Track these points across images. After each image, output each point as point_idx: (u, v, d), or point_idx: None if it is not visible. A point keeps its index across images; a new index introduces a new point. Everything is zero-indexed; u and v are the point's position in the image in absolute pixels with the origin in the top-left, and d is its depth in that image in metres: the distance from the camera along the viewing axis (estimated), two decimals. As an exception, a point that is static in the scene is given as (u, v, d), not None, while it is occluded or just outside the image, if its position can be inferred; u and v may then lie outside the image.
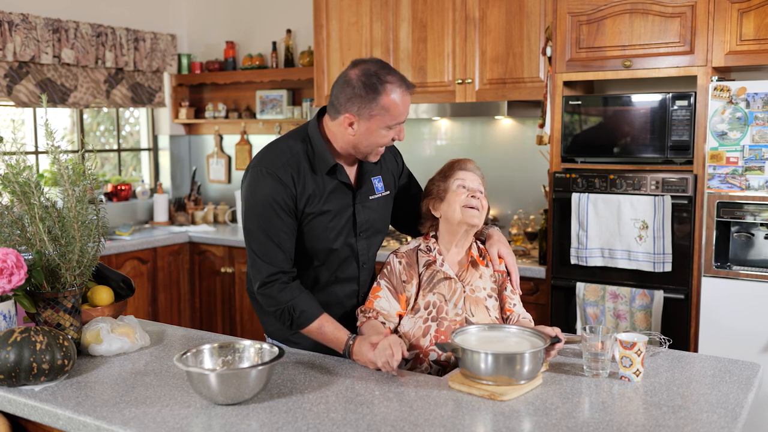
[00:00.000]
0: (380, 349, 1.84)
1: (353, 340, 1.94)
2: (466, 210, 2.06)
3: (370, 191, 2.15)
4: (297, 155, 2.03)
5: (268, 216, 1.98)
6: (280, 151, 2.04)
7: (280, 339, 2.17)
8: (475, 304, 2.07)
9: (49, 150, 1.92)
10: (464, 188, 2.09)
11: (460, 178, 2.11)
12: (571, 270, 3.29)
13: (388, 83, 1.94)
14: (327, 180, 2.04)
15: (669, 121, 3.04)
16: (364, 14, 4.08)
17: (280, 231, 1.99)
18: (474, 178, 2.12)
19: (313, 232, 2.04)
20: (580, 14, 3.23)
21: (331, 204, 2.05)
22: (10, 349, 1.71)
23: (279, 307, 1.98)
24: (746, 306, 2.89)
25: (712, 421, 1.56)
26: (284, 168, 2.00)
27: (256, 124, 5.11)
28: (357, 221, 2.11)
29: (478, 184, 2.12)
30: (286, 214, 1.99)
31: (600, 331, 1.82)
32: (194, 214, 5.12)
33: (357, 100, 1.94)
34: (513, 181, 4.10)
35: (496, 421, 1.56)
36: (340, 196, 2.08)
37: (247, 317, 4.51)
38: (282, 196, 1.98)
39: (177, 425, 1.53)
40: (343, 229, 2.08)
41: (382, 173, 2.20)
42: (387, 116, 1.95)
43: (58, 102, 4.53)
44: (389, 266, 2.13)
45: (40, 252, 1.91)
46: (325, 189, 2.04)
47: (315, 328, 1.98)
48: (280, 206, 1.98)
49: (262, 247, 1.99)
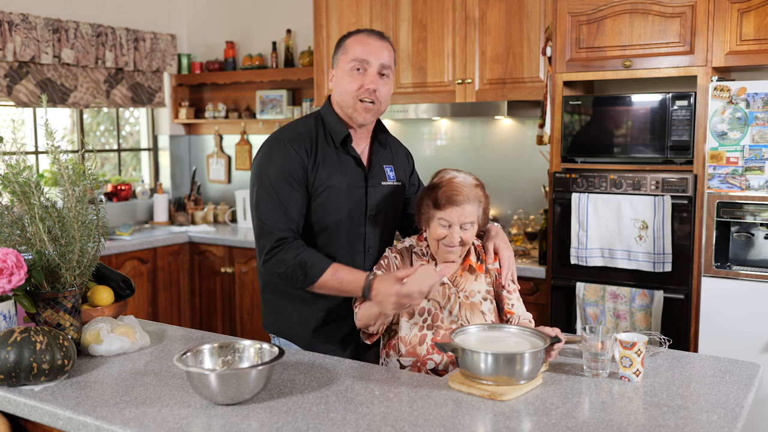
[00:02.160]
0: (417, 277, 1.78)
1: (374, 275, 1.91)
2: (444, 248, 2.05)
3: (382, 176, 2.18)
4: (310, 130, 2.09)
5: (279, 185, 2.00)
6: (294, 127, 2.11)
7: (291, 339, 2.16)
8: (471, 310, 2.07)
9: (49, 150, 1.92)
10: (445, 227, 2.02)
11: (444, 218, 2.01)
12: (571, 270, 3.28)
13: (356, 31, 2.10)
14: (341, 154, 2.09)
15: (669, 121, 3.04)
16: (364, 14, 4.08)
17: (289, 199, 2.00)
18: (464, 210, 2.01)
19: (325, 205, 2.06)
20: (580, 14, 3.23)
21: (343, 178, 2.08)
22: (10, 349, 1.71)
23: (288, 266, 1.96)
24: (746, 306, 2.89)
25: (712, 421, 1.56)
26: (298, 139, 2.05)
27: (256, 124, 5.11)
28: (368, 204, 2.12)
29: (471, 215, 2.02)
30: (297, 185, 2.02)
31: (600, 331, 1.82)
32: (194, 214, 5.12)
33: (334, 53, 2.12)
34: (513, 181, 4.10)
35: (496, 421, 1.56)
36: (353, 173, 2.11)
37: (247, 317, 4.51)
38: (294, 167, 2.01)
39: (177, 425, 1.53)
40: (354, 209, 2.10)
41: (393, 164, 2.23)
42: (347, 54, 2.05)
43: (58, 102, 4.53)
44: (386, 259, 2.13)
45: (40, 252, 1.91)
46: (339, 162, 2.08)
47: (330, 276, 1.95)
48: (292, 176, 2.01)
49: (271, 215, 1.99)
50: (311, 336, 2.13)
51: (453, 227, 2.01)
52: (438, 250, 2.06)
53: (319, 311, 2.11)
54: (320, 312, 2.11)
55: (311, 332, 2.13)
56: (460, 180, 2.04)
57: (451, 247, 2.04)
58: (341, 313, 2.13)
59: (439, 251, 2.07)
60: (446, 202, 2.00)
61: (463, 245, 2.05)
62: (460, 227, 2.01)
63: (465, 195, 2.01)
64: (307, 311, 2.12)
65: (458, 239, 2.02)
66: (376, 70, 2.04)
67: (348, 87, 2.04)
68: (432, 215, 2.04)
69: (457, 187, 2.01)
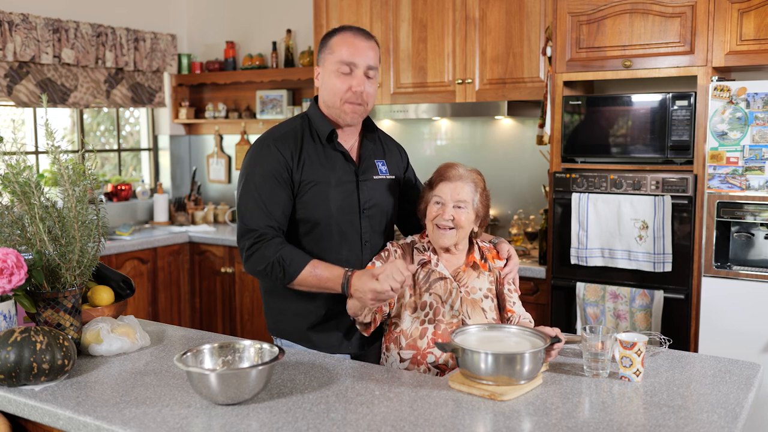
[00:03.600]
0: (387, 274, 1.80)
1: (351, 272, 1.92)
2: (437, 230, 2.06)
3: (373, 171, 2.18)
4: (296, 130, 2.11)
5: (261, 185, 2.02)
6: (282, 125, 2.14)
7: (293, 339, 2.16)
8: (472, 306, 2.07)
9: (49, 150, 1.92)
10: (438, 204, 2.06)
11: (437, 195, 2.06)
12: (571, 270, 3.28)
13: (341, 29, 2.09)
14: (328, 150, 2.10)
15: (669, 121, 3.04)
16: (364, 14, 4.08)
17: (271, 198, 2.02)
18: (457, 188, 2.05)
19: (314, 200, 2.06)
20: (580, 14, 3.23)
21: (332, 174, 2.08)
22: (10, 349, 1.71)
23: (268, 263, 1.97)
24: (746, 306, 2.89)
25: (712, 421, 1.56)
26: (282, 138, 2.07)
27: (256, 124, 5.11)
28: (360, 198, 2.13)
29: (465, 193, 2.05)
30: (280, 184, 2.03)
31: (600, 331, 1.82)
32: (194, 214, 5.12)
33: (319, 50, 2.11)
34: (513, 181, 4.10)
35: (496, 421, 1.56)
36: (342, 168, 2.11)
37: (247, 317, 4.51)
38: (277, 166, 2.02)
39: (177, 425, 1.53)
40: (346, 202, 2.10)
41: (385, 159, 2.24)
42: (334, 55, 2.05)
43: (58, 102, 4.53)
44: (386, 252, 2.14)
45: (40, 252, 1.91)
46: (326, 157, 2.09)
47: (308, 273, 1.96)
48: (274, 176, 2.02)
49: (252, 213, 2.01)
50: (313, 332, 2.13)
51: (446, 205, 2.04)
52: (433, 234, 2.07)
53: (319, 308, 2.12)
54: (320, 309, 2.12)
55: (312, 328, 2.13)
56: (456, 163, 2.13)
57: (443, 229, 2.04)
58: (342, 310, 2.13)
59: (434, 235, 2.07)
60: (439, 178, 2.09)
61: (457, 228, 2.05)
62: (454, 206, 2.04)
63: (459, 173, 2.08)
64: (307, 308, 2.12)
65: (450, 216, 2.03)
66: (362, 71, 2.05)
67: (335, 88, 2.06)
68: (429, 198, 2.09)
69: (450, 165, 2.11)
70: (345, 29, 2.09)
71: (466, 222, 2.07)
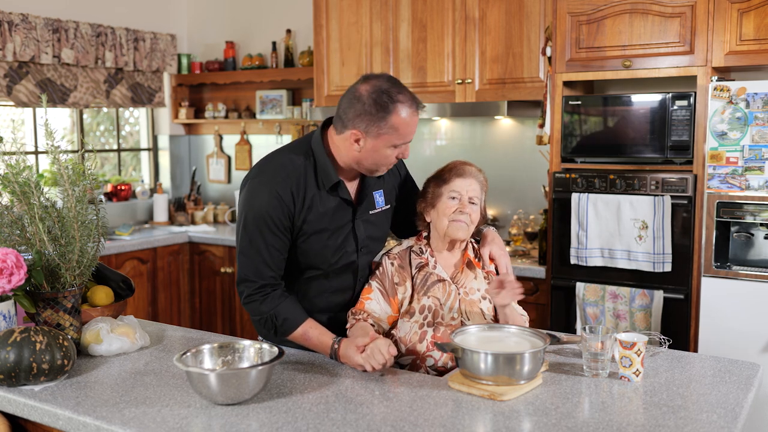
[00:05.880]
0: (368, 354, 1.83)
1: (339, 344, 1.93)
2: (453, 224, 2.05)
3: (370, 206, 2.11)
4: (298, 169, 1.98)
5: (261, 231, 1.94)
6: (281, 165, 1.98)
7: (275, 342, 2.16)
8: (470, 307, 2.07)
9: (49, 150, 1.92)
10: (455, 200, 2.06)
11: (454, 190, 2.07)
12: (571, 270, 3.28)
13: (398, 102, 1.90)
14: (328, 197, 2.01)
15: (669, 121, 3.04)
16: (364, 14, 4.08)
17: (271, 247, 1.95)
18: (471, 184, 2.08)
19: (311, 249, 2.01)
20: (580, 14, 3.23)
21: (330, 221, 2.02)
22: (10, 349, 1.71)
23: (262, 317, 1.98)
24: (746, 306, 2.89)
25: (712, 421, 1.56)
26: (284, 183, 1.95)
27: (255, 124, 5.11)
28: (357, 237, 2.08)
29: (476, 191, 2.08)
30: (280, 232, 1.95)
31: (600, 331, 1.82)
32: (194, 214, 5.12)
33: (366, 117, 1.89)
34: (513, 181, 4.10)
35: (496, 421, 1.56)
36: (340, 212, 2.04)
37: (247, 317, 4.51)
38: (278, 213, 1.93)
39: (177, 425, 1.53)
40: (342, 246, 2.05)
41: (384, 187, 2.16)
42: (395, 135, 1.92)
43: (58, 102, 4.53)
44: (381, 268, 2.12)
45: (40, 252, 1.91)
46: (326, 206, 2.00)
47: (299, 334, 1.97)
48: (275, 223, 1.94)
49: (251, 261, 1.96)
50: None
51: (463, 199, 2.06)
52: (447, 229, 2.06)
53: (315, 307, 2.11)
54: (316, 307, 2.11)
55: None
56: (466, 161, 2.17)
57: (460, 221, 2.04)
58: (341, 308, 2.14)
59: (449, 230, 2.06)
60: (454, 175, 2.09)
61: (470, 223, 2.07)
62: (469, 201, 2.06)
63: (471, 171, 2.11)
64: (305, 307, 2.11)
65: (468, 210, 2.06)
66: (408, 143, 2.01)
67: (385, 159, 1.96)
68: (440, 193, 2.08)
69: (463, 162, 2.15)
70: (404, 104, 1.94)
71: (476, 218, 2.09)
